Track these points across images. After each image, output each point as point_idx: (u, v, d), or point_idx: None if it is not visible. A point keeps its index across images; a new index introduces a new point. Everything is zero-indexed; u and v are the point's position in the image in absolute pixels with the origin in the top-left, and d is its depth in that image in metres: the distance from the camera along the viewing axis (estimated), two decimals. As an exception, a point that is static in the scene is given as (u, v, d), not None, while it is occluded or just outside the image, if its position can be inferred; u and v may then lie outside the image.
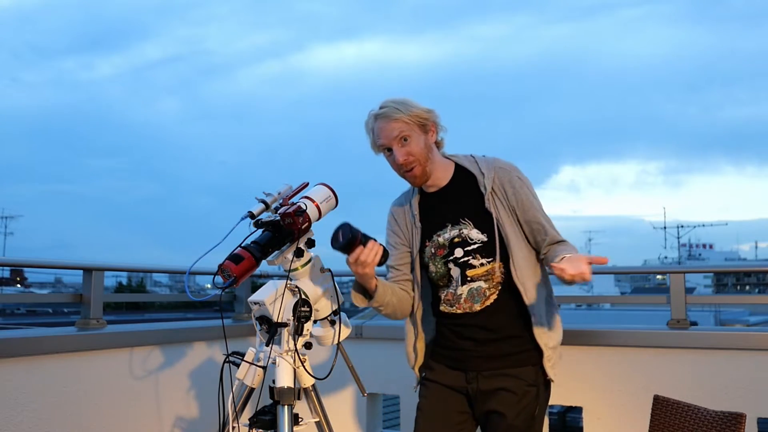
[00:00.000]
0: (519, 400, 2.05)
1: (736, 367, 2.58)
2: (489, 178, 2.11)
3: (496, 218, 2.08)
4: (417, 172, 2.10)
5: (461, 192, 2.15)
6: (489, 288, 2.09)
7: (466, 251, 2.10)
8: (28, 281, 40.28)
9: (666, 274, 3.43)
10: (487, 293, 2.09)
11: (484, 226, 2.10)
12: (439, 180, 2.17)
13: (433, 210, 2.19)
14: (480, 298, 2.09)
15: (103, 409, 2.71)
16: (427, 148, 2.10)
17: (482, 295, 2.09)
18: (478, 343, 2.10)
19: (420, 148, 2.08)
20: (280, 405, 1.88)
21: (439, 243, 2.14)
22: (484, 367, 2.09)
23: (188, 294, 2.21)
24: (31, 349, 2.50)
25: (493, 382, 2.08)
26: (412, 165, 2.09)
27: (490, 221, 2.09)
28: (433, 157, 2.13)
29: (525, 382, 2.06)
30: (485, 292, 2.09)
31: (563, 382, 2.78)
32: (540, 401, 2.09)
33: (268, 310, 1.90)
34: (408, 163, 2.08)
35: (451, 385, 2.14)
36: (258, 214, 1.89)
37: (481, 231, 2.10)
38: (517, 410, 2.04)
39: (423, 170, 2.11)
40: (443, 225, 2.15)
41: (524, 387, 2.06)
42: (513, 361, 2.08)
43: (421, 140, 2.09)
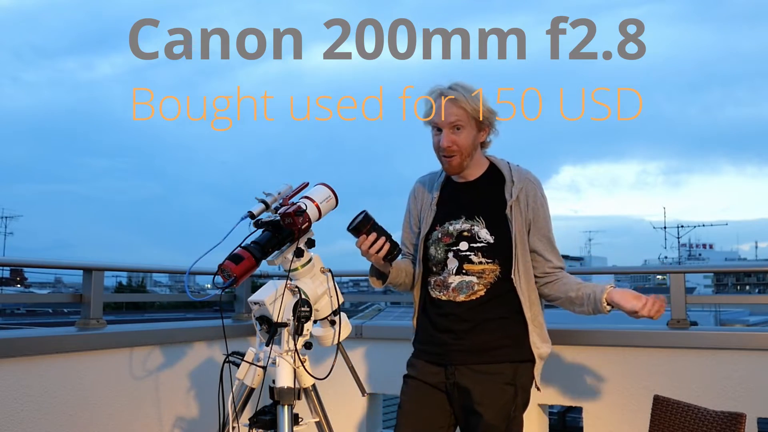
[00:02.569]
0: (495, 399, 2.06)
1: (736, 367, 2.58)
2: (518, 187, 2.15)
3: (512, 226, 2.12)
4: (454, 162, 2.14)
5: (486, 191, 2.19)
6: (478, 284, 2.13)
7: (470, 246, 2.13)
8: (28, 281, 40.23)
9: (666, 274, 3.43)
10: (475, 288, 2.13)
11: (495, 229, 2.13)
12: (469, 174, 2.21)
13: (453, 198, 2.23)
14: (467, 290, 2.13)
15: (103, 408, 2.71)
16: (474, 144, 2.15)
17: (470, 289, 2.13)
18: (456, 336, 2.13)
19: (467, 142, 2.12)
20: (280, 405, 1.88)
21: (448, 231, 2.18)
22: (461, 360, 2.11)
23: (188, 294, 2.21)
24: (31, 349, 2.50)
25: (470, 379, 2.09)
26: (453, 153, 2.12)
27: (505, 226, 2.13)
28: (475, 153, 2.17)
29: (502, 380, 2.07)
30: (474, 287, 2.13)
31: (563, 382, 2.79)
32: (518, 402, 2.09)
33: (268, 310, 1.89)
34: (450, 151, 2.12)
35: (432, 382, 2.15)
36: (258, 214, 1.89)
37: (490, 232, 2.13)
38: (493, 409, 2.04)
39: (461, 163, 2.14)
40: (458, 216, 2.18)
41: (501, 385, 2.07)
42: (491, 357, 2.09)
43: (471, 134, 2.13)
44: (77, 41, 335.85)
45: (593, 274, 5.67)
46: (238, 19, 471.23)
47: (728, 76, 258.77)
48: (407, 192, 2.38)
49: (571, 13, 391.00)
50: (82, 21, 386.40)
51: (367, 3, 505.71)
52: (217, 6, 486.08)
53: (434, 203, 2.24)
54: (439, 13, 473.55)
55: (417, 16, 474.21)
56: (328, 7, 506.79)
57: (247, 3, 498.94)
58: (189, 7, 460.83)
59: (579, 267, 32.28)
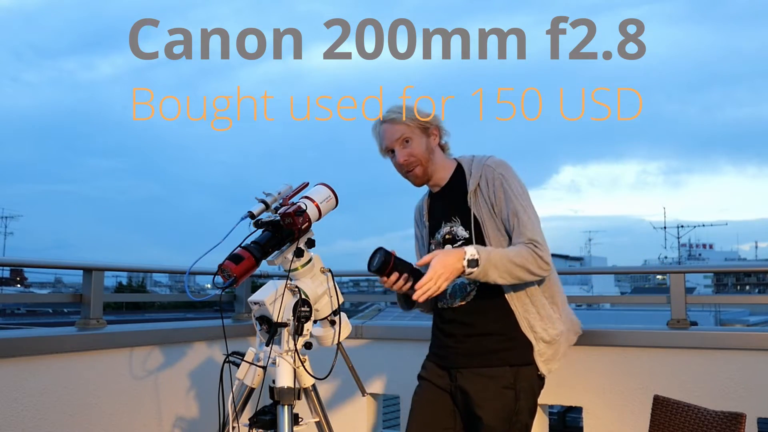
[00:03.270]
0: (494, 403, 2.06)
1: (736, 367, 2.58)
2: (474, 177, 2.17)
3: (475, 216, 2.14)
4: (418, 173, 2.20)
5: (454, 191, 2.22)
6: (469, 284, 2.14)
7: (453, 248, 2.12)
8: (28, 281, 40.24)
9: (666, 274, 3.43)
10: (467, 289, 2.15)
11: (468, 224, 2.16)
12: (440, 180, 2.25)
13: (435, 209, 2.30)
14: (461, 294, 2.16)
15: (103, 409, 2.71)
16: (428, 150, 2.19)
17: (463, 291, 2.16)
18: (457, 340, 2.16)
19: (421, 150, 2.18)
20: (280, 405, 1.88)
21: (438, 240, 2.23)
22: (461, 363, 2.14)
23: (188, 294, 2.21)
24: (31, 349, 2.50)
25: (470, 382, 2.11)
26: (413, 165, 2.18)
27: (474, 218, 2.15)
28: (435, 158, 2.21)
29: (501, 384, 2.07)
30: (466, 288, 2.15)
31: (563, 382, 2.79)
32: (520, 406, 2.07)
33: (268, 310, 1.89)
34: (408, 164, 2.18)
35: (440, 384, 2.20)
36: (258, 214, 1.89)
37: (465, 228, 2.16)
38: (493, 412, 2.05)
39: (424, 171, 2.20)
40: (441, 223, 2.24)
41: (499, 389, 2.07)
42: (490, 360, 2.10)
43: (422, 142, 2.18)
44: (77, 41, 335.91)
45: (593, 274, 5.68)
46: (238, 19, 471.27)
47: (728, 76, 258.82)
48: (407, 192, 2.42)
49: (571, 13, 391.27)
50: (82, 21, 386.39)
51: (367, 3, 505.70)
52: (217, 6, 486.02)
53: (425, 219, 2.32)
54: (439, 13, 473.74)
55: (417, 16, 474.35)
56: (328, 7, 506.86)
57: (247, 3, 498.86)
58: (189, 7, 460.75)
59: (579, 267, 32.29)
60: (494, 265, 1.94)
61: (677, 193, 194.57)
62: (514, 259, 1.97)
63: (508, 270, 1.96)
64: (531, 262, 1.99)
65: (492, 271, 1.94)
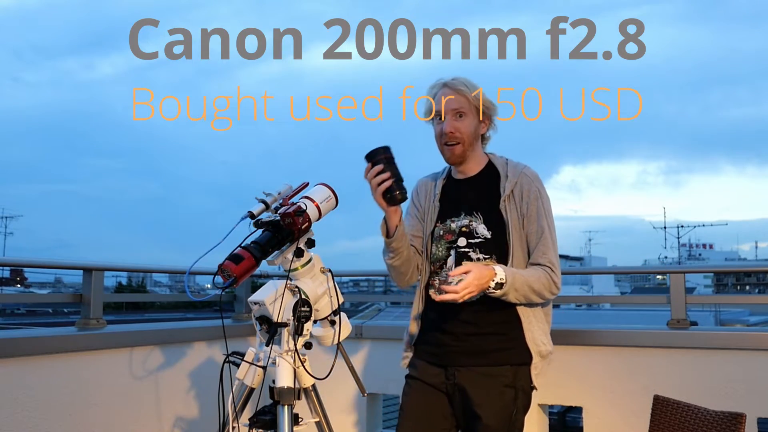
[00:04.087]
0: (495, 402, 2.05)
1: (736, 367, 2.58)
2: (511, 182, 2.15)
3: (506, 220, 2.12)
4: (457, 151, 2.16)
5: (483, 187, 2.19)
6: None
7: (468, 243, 2.13)
8: (28, 281, 40.26)
9: (666, 274, 3.43)
10: None
11: (492, 225, 2.13)
12: (469, 169, 2.23)
13: (454, 195, 2.24)
14: None
15: (103, 409, 2.71)
16: (475, 133, 2.17)
17: None
18: (457, 338, 2.12)
19: (469, 130, 2.15)
20: (280, 405, 1.88)
21: (450, 228, 2.18)
22: (461, 362, 2.10)
23: (188, 294, 2.21)
24: (31, 349, 2.50)
25: (470, 381, 2.08)
26: (456, 140, 2.15)
27: (500, 222, 2.13)
28: (476, 145, 2.20)
29: (502, 382, 2.06)
30: None
31: (563, 382, 2.79)
32: (518, 404, 2.08)
33: (268, 310, 1.89)
34: (452, 137, 2.14)
35: (433, 383, 2.15)
36: (258, 214, 1.89)
37: (487, 228, 2.13)
38: (493, 412, 2.04)
39: (463, 151, 2.16)
40: (458, 212, 2.19)
41: (501, 387, 2.06)
42: (491, 359, 2.08)
43: (473, 123, 2.16)
44: (77, 41, 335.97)
45: (593, 274, 5.68)
46: (238, 19, 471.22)
47: (728, 76, 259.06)
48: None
49: (571, 13, 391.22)
50: (82, 21, 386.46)
51: (367, 3, 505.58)
52: (217, 6, 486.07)
53: (437, 200, 2.25)
54: (439, 13, 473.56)
55: (417, 16, 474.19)
56: (328, 7, 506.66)
57: (247, 3, 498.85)
58: (189, 7, 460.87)
59: (579, 267, 32.23)
60: (515, 288, 1.99)
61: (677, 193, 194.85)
62: (533, 285, 2.03)
63: (525, 295, 2.03)
64: (546, 289, 2.06)
65: (511, 293, 2.00)
